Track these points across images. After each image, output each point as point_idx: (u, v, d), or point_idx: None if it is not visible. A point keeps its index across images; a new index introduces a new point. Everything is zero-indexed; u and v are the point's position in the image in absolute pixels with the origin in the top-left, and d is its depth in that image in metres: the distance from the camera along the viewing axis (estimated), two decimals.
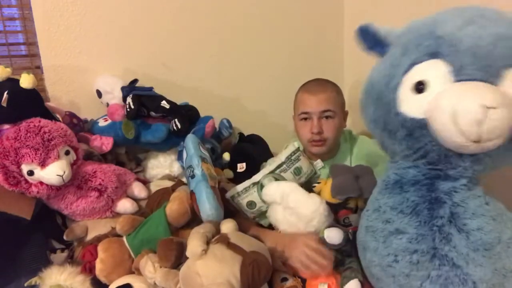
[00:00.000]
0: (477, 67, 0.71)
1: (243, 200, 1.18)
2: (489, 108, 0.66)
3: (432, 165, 0.81)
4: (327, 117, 1.14)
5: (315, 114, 1.14)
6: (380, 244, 0.85)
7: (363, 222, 0.92)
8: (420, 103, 0.75)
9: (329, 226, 0.99)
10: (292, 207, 1.05)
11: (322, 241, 0.97)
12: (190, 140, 1.22)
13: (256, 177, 1.20)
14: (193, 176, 1.12)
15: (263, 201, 1.16)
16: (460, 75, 0.72)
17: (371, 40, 0.87)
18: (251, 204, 1.17)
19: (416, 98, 0.75)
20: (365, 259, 0.91)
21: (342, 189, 1.03)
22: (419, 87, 0.75)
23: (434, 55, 0.74)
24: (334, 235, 0.94)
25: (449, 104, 0.69)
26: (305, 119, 1.17)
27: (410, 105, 0.77)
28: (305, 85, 1.21)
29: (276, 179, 1.18)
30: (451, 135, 0.70)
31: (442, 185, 0.81)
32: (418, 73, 0.76)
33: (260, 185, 1.17)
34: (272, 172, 1.20)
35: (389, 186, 0.87)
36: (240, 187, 1.19)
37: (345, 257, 1.00)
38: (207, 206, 1.04)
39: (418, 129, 0.76)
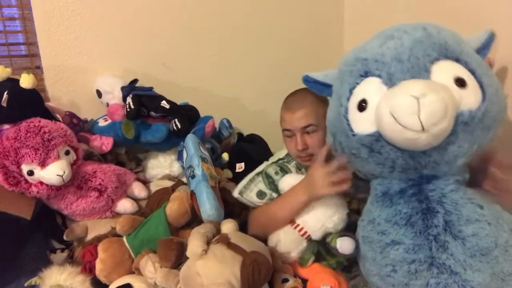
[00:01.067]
0: (404, 70, 0.77)
1: (252, 192, 1.15)
2: (420, 97, 0.70)
3: (408, 173, 0.83)
4: (310, 131, 1.12)
5: (297, 130, 1.11)
6: (378, 255, 0.85)
7: (359, 231, 0.92)
8: (368, 119, 0.81)
9: (341, 235, 0.97)
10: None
11: (334, 249, 0.96)
12: (190, 140, 1.22)
13: (259, 168, 1.19)
14: (193, 176, 1.12)
15: (272, 189, 1.14)
16: (392, 82, 0.78)
17: (316, 86, 0.98)
18: (261, 194, 1.15)
19: (362, 116, 0.82)
20: (364, 267, 0.91)
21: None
22: (362, 105, 0.82)
23: (365, 74, 0.83)
24: (346, 245, 0.93)
25: (386, 106, 0.74)
26: (289, 135, 1.15)
27: (360, 124, 0.83)
28: (286, 100, 1.16)
29: (281, 168, 1.17)
30: (399, 133, 0.74)
31: (431, 193, 0.82)
32: (357, 94, 0.84)
33: (264, 174, 1.16)
34: (274, 162, 1.20)
35: (379, 199, 0.88)
36: (244, 180, 1.18)
37: (352, 263, 1.00)
38: (208, 206, 1.04)
39: (375, 142, 0.81)
